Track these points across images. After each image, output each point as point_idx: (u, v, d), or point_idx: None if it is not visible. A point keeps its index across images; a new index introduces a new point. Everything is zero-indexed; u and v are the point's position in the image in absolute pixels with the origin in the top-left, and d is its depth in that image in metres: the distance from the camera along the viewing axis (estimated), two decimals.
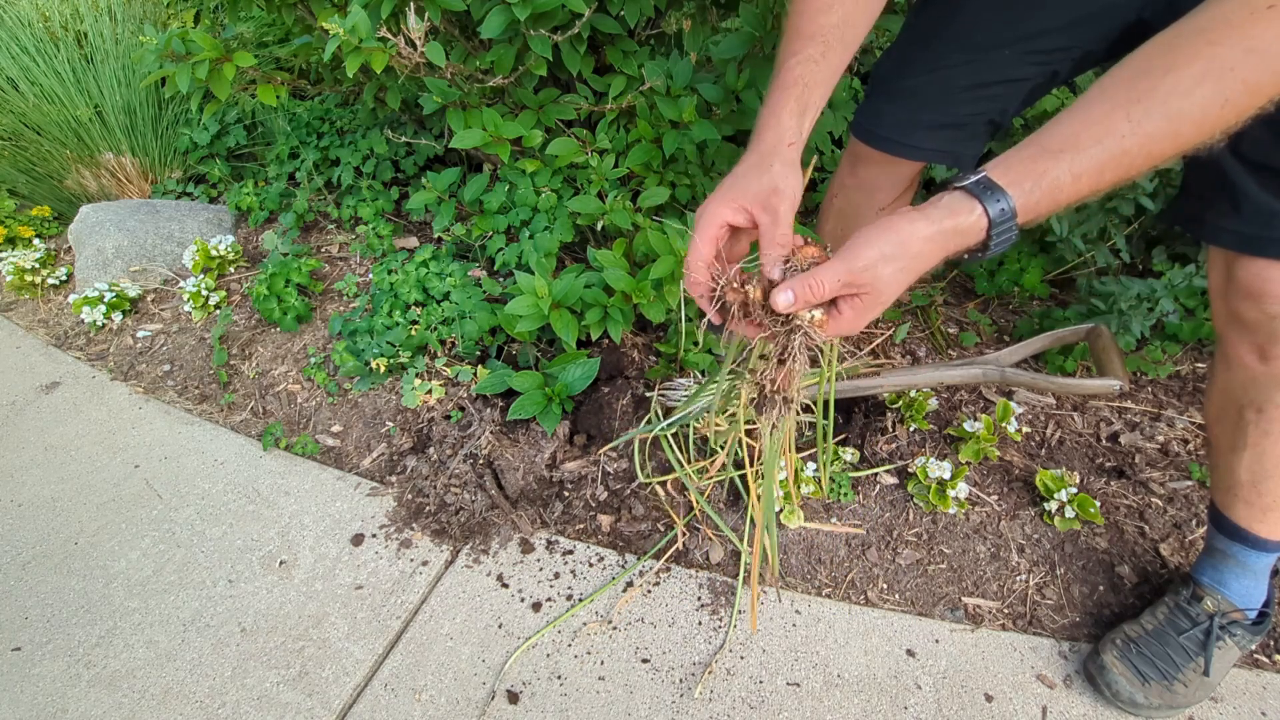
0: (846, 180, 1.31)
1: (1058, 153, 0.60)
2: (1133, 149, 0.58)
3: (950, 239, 0.62)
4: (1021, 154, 0.61)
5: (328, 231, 2.07)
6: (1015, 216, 0.60)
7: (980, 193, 0.60)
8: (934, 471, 1.31)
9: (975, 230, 0.61)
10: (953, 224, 0.61)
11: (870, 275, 0.62)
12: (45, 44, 2.39)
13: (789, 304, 0.64)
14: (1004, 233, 0.61)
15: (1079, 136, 0.59)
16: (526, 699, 1.09)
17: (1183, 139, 0.58)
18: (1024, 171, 0.60)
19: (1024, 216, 0.61)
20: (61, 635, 1.21)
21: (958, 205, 0.61)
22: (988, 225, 0.61)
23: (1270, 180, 0.82)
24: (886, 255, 0.62)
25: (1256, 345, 0.90)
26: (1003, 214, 0.60)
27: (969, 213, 0.61)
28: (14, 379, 1.74)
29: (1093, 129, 0.59)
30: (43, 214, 2.23)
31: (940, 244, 0.62)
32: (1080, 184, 0.60)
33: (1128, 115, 0.58)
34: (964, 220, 0.61)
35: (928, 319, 1.72)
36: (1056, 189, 0.60)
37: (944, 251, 0.63)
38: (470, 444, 1.40)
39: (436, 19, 1.34)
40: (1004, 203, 0.60)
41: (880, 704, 1.08)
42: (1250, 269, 0.86)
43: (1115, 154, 0.59)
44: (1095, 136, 0.59)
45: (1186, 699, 1.04)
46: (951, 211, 0.61)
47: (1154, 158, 0.59)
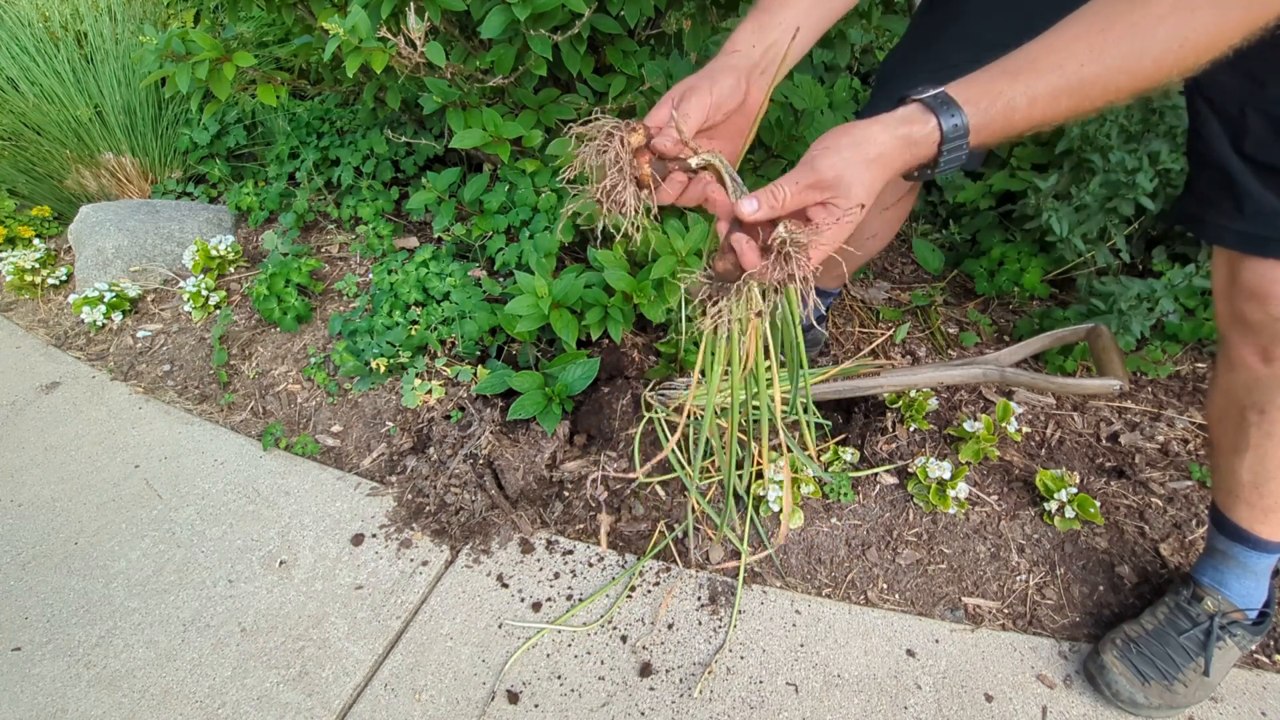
0: None
1: (1015, 74, 0.61)
2: (1089, 79, 0.59)
3: (905, 147, 0.62)
4: (983, 75, 0.62)
5: (328, 231, 2.07)
6: (967, 134, 0.61)
7: (936, 106, 0.61)
8: (934, 471, 1.31)
9: (928, 142, 0.62)
10: (906, 131, 0.61)
11: (833, 174, 0.61)
12: (45, 44, 2.39)
13: (753, 210, 0.62)
14: (954, 149, 0.62)
15: (1039, 61, 0.60)
16: (526, 699, 1.09)
17: (1140, 75, 0.59)
18: (981, 91, 0.61)
19: (976, 136, 0.61)
20: (61, 635, 1.21)
21: (913, 115, 0.62)
22: (940, 139, 0.61)
23: (1274, 180, 0.82)
24: (846, 158, 0.61)
25: (1259, 346, 0.90)
26: (955, 130, 0.60)
27: (924, 124, 0.61)
28: (14, 379, 1.74)
29: (1054, 55, 0.60)
30: (43, 214, 2.23)
31: (896, 149, 0.62)
32: (1035, 108, 0.60)
33: (1089, 45, 0.59)
34: (918, 130, 0.61)
35: (928, 319, 1.72)
36: (1010, 110, 0.60)
37: (900, 158, 0.63)
38: (470, 444, 1.40)
39: (436, 19, 1.34)
40: (958, 119, 0.60)
41: (880, 704, 1.08)
42: (1254, 270, 0.86)
43: (1073, 82, 0.59)
44: (1055, 62, 0.59)
45: (1186, 699, 1.04)
46: (907, 120, 0.62)
47: (1110, 91, 0.60)
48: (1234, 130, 0.84)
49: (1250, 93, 0.81)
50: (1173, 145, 1.45)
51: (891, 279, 1.85)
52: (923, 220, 1.97)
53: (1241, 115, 0.82)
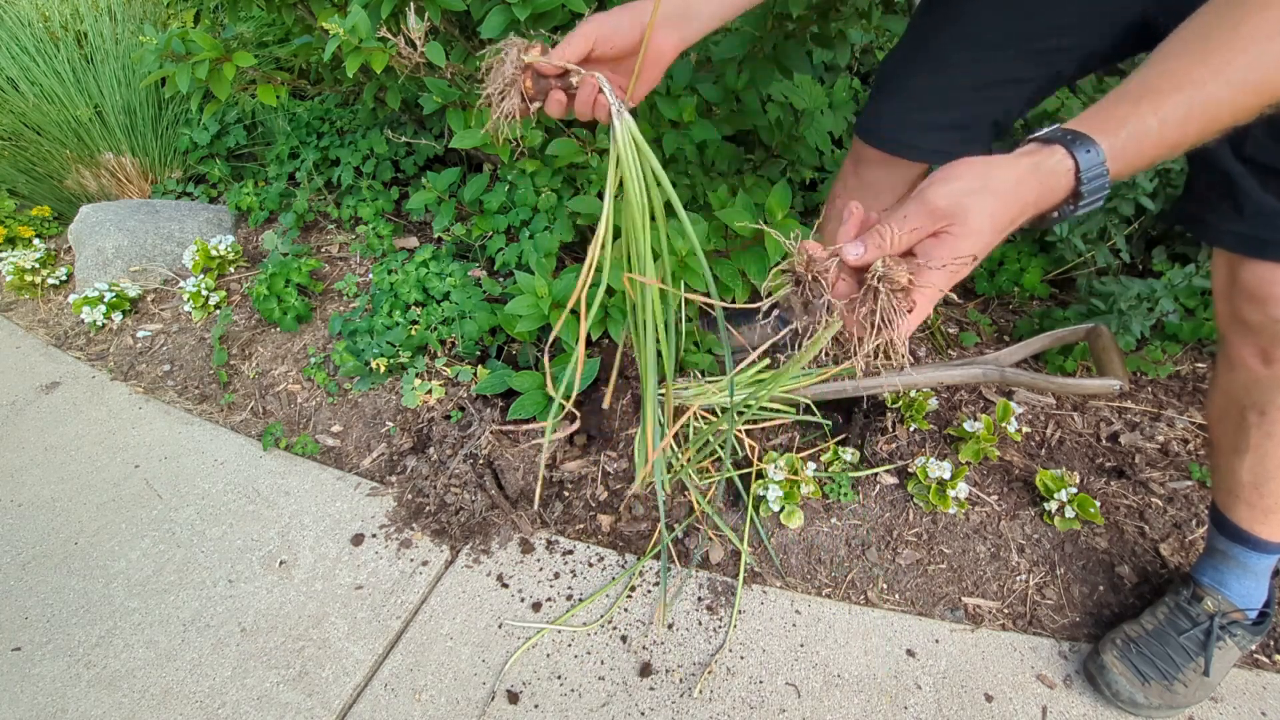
0: (849, 181, 1.31)
1: (1136, 100, 0.55)
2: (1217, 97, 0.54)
3: (1033, 175, 0.55)
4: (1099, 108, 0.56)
5: (328, 231, 2.07)
6: (1104, 164, 0.54)
7: (1059, 138, 0.55)
8: (934, 471, 1.31)
9: (1060, 170, 0.55)
10: (1032, 161, 0.55)
11: (948, 202, 0.54)
12: (45, 44, 2.39)
13: (858, 256, 0.55)
14: (1096, 180, 0.55)
15: (1160, 85, 0.55)
16: (526, 699, 1.09)
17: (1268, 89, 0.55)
18: (1106, 118, 0.55)
19: (1114, 164, 0.55)
20: (61, 635, 1.21)
21: (1033, 149, 0.56)
22: (1075, 168, 0.54)
23: (1274, 182, 0.82)
24: (969, 188, 0.54)
25: (1259, 348, 0.90)
26: (1091, 161, 0.54)
27: (1050, 154, 0.55)
28: (14, 379, 1.74)
29: (1172, 79, 0.55)
30: (43, 214, 2.23)
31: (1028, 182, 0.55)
32: (1167, 131, 0.55)
33: (1208, 65, 0.54)
34: (1045, 160, 0.55)
35: (928, 319, 1.72)
36: (1142, 136, 0.55)
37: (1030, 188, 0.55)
38: (470, 444, 1.40)
39: (436, 19, 1.34)
40: (1091, 149, 0.54)
41: (880, 704, 1.08)
42: (1253, 272, 0.86)
43: (1200, 101, 0.54)
44: (1176, 85, 0.54)
45: (1186, 699, 1.04)
46: (1030, 153, 0.56)
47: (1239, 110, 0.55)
48: (1234, 133, 0.84)
49: None
50: None
51: None
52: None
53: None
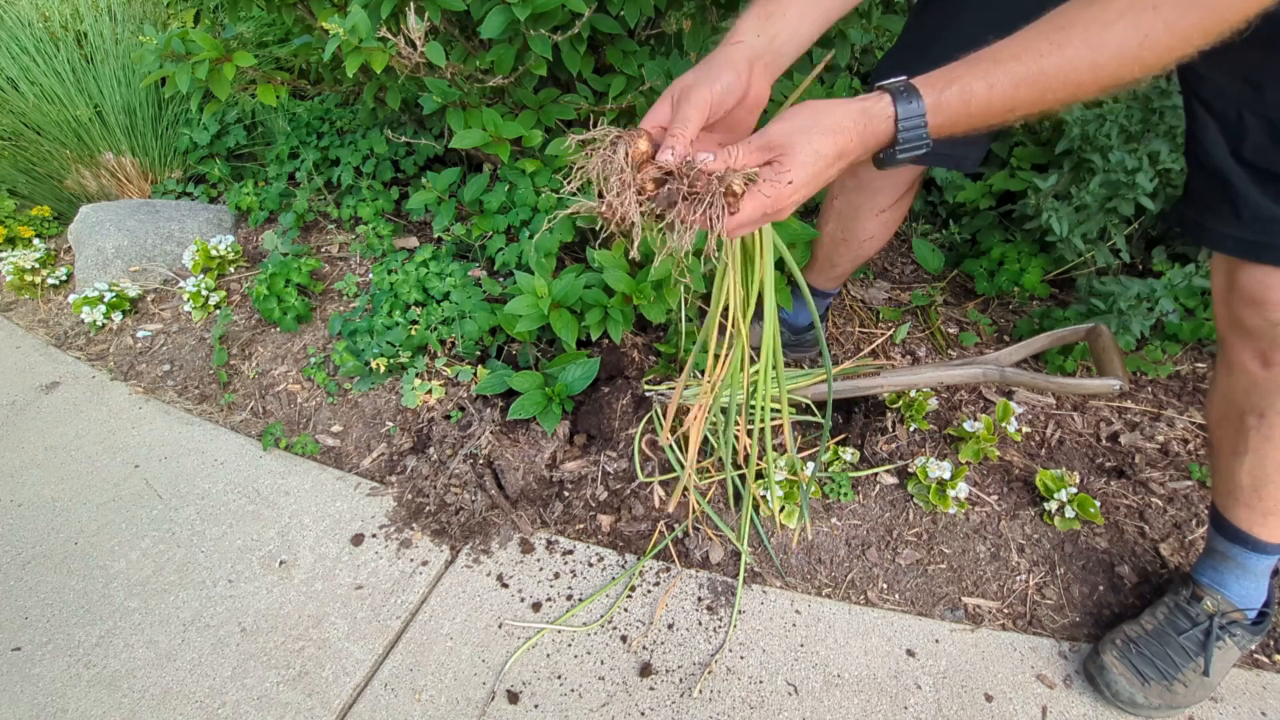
0: (847, 181, 1.31)
1: (973, 64, 0.63)
2: (1049, 70, 0.61)
3: (862, 118, 0.64)
4: (950, 66, 0.64)
5: (328, 231, 2.07)
6: (924, 115, 0.63)
7: (893, 89, 0.64)
8: (934, 471, 1.31)
9: (883, 117, 0.64)
10: (862, 105, 0.64)
11: (786, 139, 0.63)
12: (45, 44, 2.39)
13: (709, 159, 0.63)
14: (912, 130, 0.63)
15: (999, 53, 0.62)
16: (526, 699, 1.09)
17: (1101, 71, 0.60)
18: (939, 76, 0.63)
19: (934, 116, 0.63)
20: (61, 635, 1.21)
21: (870, 96, 0.65)
22: (894, 115, 0.63)
23: (1272, 186, 0.82)
24: (801, 126, 0.63)
25: (1259, 351, 0.90)
26: (911, 108, 0.63)
27: (878, 100, 0.64)
28: (14, 379, 1.74)
29: (1013, 47, 0.62)
30: (43, 214, 2.23)
31: (852, 125, 0.64)
32: (994, 94, 0.62)
33: (1048, 38, 0.61)
34: (872, 105, 0.64)
35: (928, 319, 1.72)
36: (968, 95, 0.62)
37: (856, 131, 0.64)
38: (470, 444, 1.40)
39: (436, 19, 1.34)
40: (913, 100, 0.63)
41: (880, 704, 1.08)
42: (1252, 275, 0.85)
43: (1033, 72, 0.61)
44: (1014, 54, 0.62)
45: (1186, 699, 1.04)
46: (864, 99, 0.65)
47: (1071, 85, 0.61)
48: (1232, 135, 0.84)
49: (1248, 97, 0.80)
50: (1173, 145, 1.45)
51: (891, 279, 1.85)
52: (923, 220, 1.97)
53: (1239, 120, 0.82)
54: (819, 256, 1.46)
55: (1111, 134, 1.49)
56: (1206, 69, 0.84)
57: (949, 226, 1.86)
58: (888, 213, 1.31)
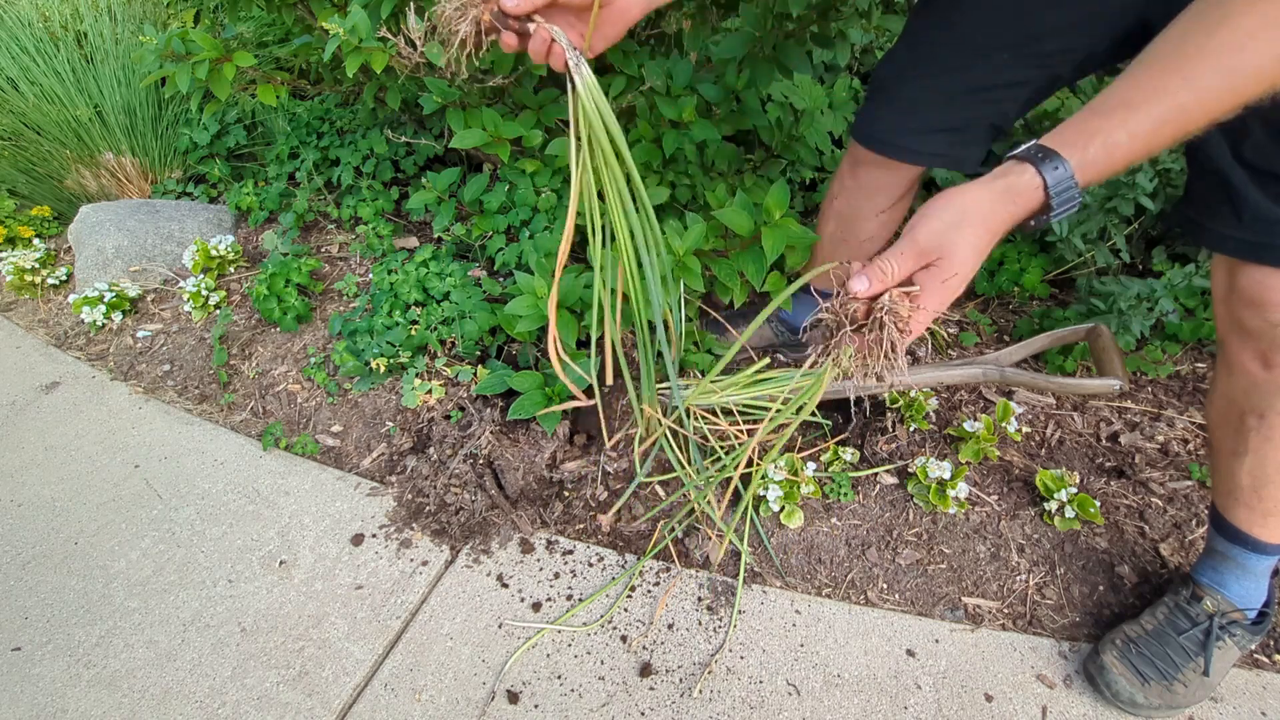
0: (847, 182, 1.31)
1: (1109, 114, 0.60)
2: (1189, 105, 0.58)
3: (1006, 199, 0.62)
4: (1074, 120, 0.62)
5: (328, 231, 2.07)
6: (1073, 177, 0.60)
7: (1032, 156, 0.61)
8: (934, 471, 1.31)
9: (1030, 189, 0.61)
10: (1005, 184, 0.62)
11: (938, 241, 0.61)
12: (45, 44, 2.39)
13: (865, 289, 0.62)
14: (1065, 192, 0.61)
15: (1131, 97, 0.60)
16: (526, 699, 1.09)
17: (1242, 93, 0.58)
18: (1077, 132, 0.61)
19: (1083, 175, 0.61)
20: (61, 635, 1.21)
21: (1009, 168, 0.62)
22: (1043, 184, 0.61)
23: (1273, 187, 0.82)
24: (950, 222, 0.61)
25: (1259, 352, 0.90)
26: (1059, 175, 0.60)
27: (1020, 174, 0.61)
28: (14, 379, 1.74)
29: (1145, 89, 0.59)
30: (43, 214, 2.23)
31: (997, 203, 0.62)
32: (1136, 143, 0.60)
33: (1180, 73, 0.58)
34: (1017, 181, 0.61)
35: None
36: (1112, 147, 0.60)
37: (1005, 211, 0.62)
38: (470, 444, 1.40)
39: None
40: (1059, 166, 0.60)
41: (880, 704, 1.08)
42: (1252, 276, 0.85)
43: (1171, 111, 0.59)
44: (1148, 96, 0.59)
45: (1186, 699, 1.04)
46: (1004, 173, 0.62)
47: (1212, 112, 0.59)
48: (1234, 136, 0.84)
49: None
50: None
51: None
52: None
53: (1241, 121, 0.82)
54: (819, 258, 1.46)
55: None
56: None
57: None
58: (887, 214, 1.31)
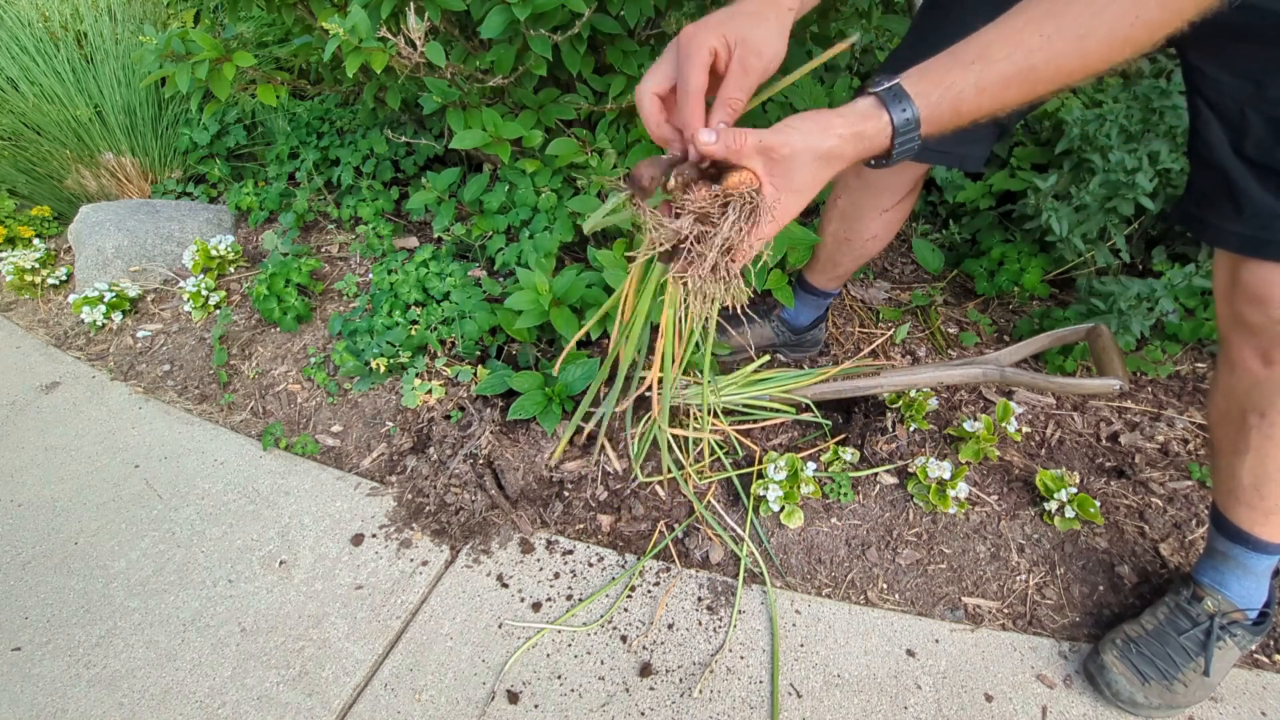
0: (850, 180, 1.31)
1: (968, 64, 0.63)
2: (1039, 65, 0.61)
3: (858, 142, 0.65)
4: (940, 62, 0.64)
5: (328, 231, 2.07)
6: (918, 126, 0.64)
7: (889, 100, 0.64)
8: (934, 471, 1.31)
9: (881, 136, 0.64)
10: (861, 128, 0.64)
11: (788, 147, 0.63)
12: (45, 44, 2.39)
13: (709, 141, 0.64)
14: (906, 140, 0.64)
15: (991, 49, 0.62)
16: (526, 699, 1.09)
17: (1090, 57, 0.60)
18: (934, 82, 0.63)
19: (927, 126, 0.64)
20: (61, 635, 1.20)
21: (868, 111, 0.64)
22: (891, 133, 0.64)
23: (1273, 182, 0.82)
24: (805, 135, 0.64)
25: (1260, 349, 0.90)
26: (906, 124, 0.63)
27: (876, 120, 0.64)
28: (14, 379, 1.74)
29: (1005, 42, 0.62)
30: (43, 214, 2.23)
31: (850, 145, 0.65)
32: (983, 97, 0.62)
33: (1040, 30, 0.61)
34: (871, 126, 0.64)
35: (928, 319, 1.72)
36: (959, 100, 0.63)
37: (854, 150, 0.66)
38: (470, 444, 1.40)
39: (436, 19, 1.34)
40: (909, 112, 0.63)
41: (880, 704, 1.08)
42: (1255, 272, 0.85)
43: (1022, 69, 0.61)
44: (1006, 51, 0.61)
45: (1186, 699, 1.04)
46: (863, 116, 0.65)
47: (1061, 75, 0.61)
48: (1234, 131, 0.84)
49: (1250, 94, 0.81)
50: (1173, 145, 1.45)
51: (891, 279, 1.85)
52: (923, 220, 1.97)
53: (1242, 116, 0.82)
54: (821, 257, 1.46)
55: (1111, 134, 1.49)
56: (1209, 66, 0.84)
57: (949, 226, 1.86)
58: (891, 212, 1.31)
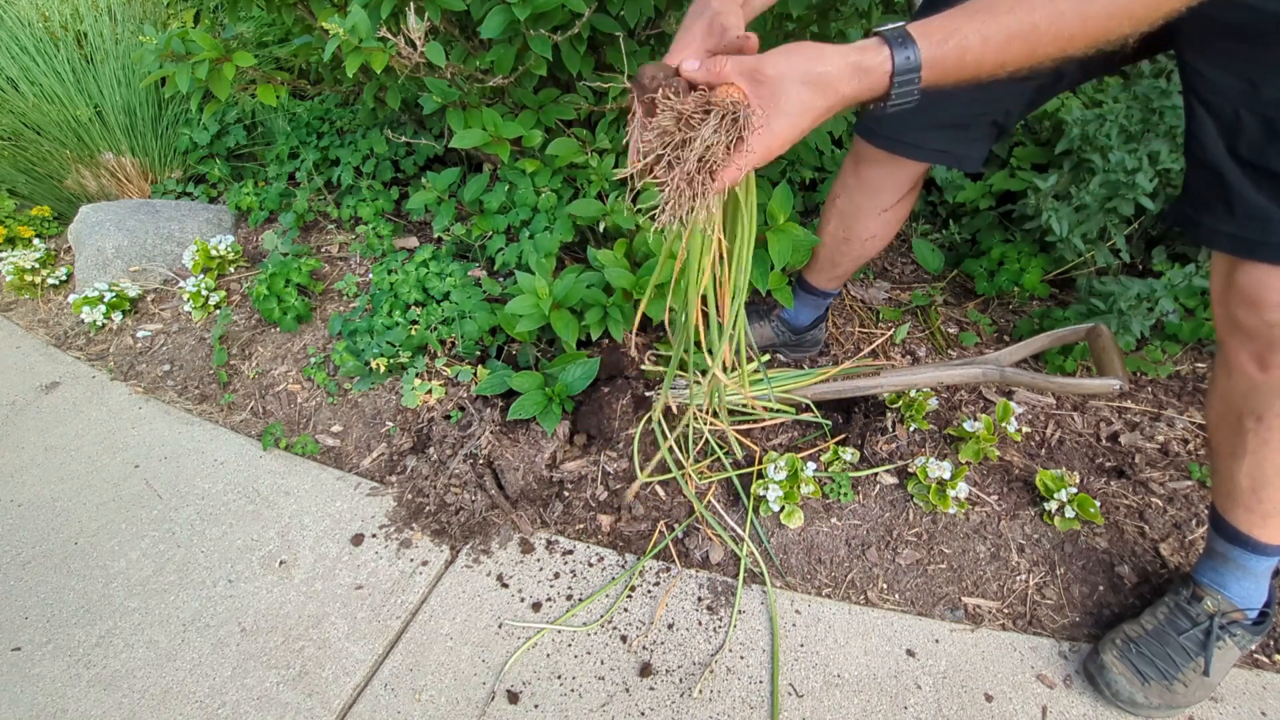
0: (849, 180, 1.31)
1: (972, 14, 0.61)
2: (1041, 24, 0.60)
3: (855, 73, 0.62)
4: (944, 14, 0.62)
5: (328, 231, 2.07)
6: (919, 69, 0.61)
7: (891, 38, 0.62)
8: (934, 471, 1.31)
9: (879, 71, 0.62)
10: (858, 59, 0.62)
11: (774, 73, 0.62)
12: (45, 44, 2.39)
13: (693, 69, 0.63)
14: (906, 83, 0.62)
15: (997, 3, 0.61)
16: (526, 699, 1.09)
17: (1091, 24, 0.60)
18: (938, 26, 0.62)
19: (929, 70, 0.61)
20: (61, 635, 1.21)
21: (868, 45, 0.62)
22: (891, 70, 0.61)
23: (1266, 183, 0.82)
24: (794, 64, 0.62)
25: (1256, 353, 0.89)
26: (907, 61, 0.61)
27: (876, 53, 0.62)
28: (14, 379, 1.74)
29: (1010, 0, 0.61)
30: (43, 214, 2.23)
31: (846, 76, 0.62)
32: (987, 49, 0.61)
33: None
34: (870, 58, 0.62)
35: (928, 319, 1.72)
36: (963, 49, 0.61)
37: (849, 86, 0.63)
38: (470, 444, 1.40)
39: (436, 19, 1.34)
40: (910, 52, 0.61)
41: (880, 704, 1.08)
42: (1250, 275, 0.85)
43: (1025, 26, 0.60)
44: (1010, 6, 0.60)
45: (1186, 699, 1.04)
46: (861, 49, 0.62)
47: (1063, 39, 0.60)
48: (1229, 132, 0.84)
49: (1245, 95, 0.81)
50: (1173, 145, 1.45)
51: (891, 279, 1.85)
52: (923, 220, 1.97)
53: (1236, 117, 0.82)
54: (820, 257, 1.46)
55: (1111, 134, 1.49)
56: (1205, 65, 0.84)
57: (949, 226, 1.86)
58: (890, 212, 1.31)
